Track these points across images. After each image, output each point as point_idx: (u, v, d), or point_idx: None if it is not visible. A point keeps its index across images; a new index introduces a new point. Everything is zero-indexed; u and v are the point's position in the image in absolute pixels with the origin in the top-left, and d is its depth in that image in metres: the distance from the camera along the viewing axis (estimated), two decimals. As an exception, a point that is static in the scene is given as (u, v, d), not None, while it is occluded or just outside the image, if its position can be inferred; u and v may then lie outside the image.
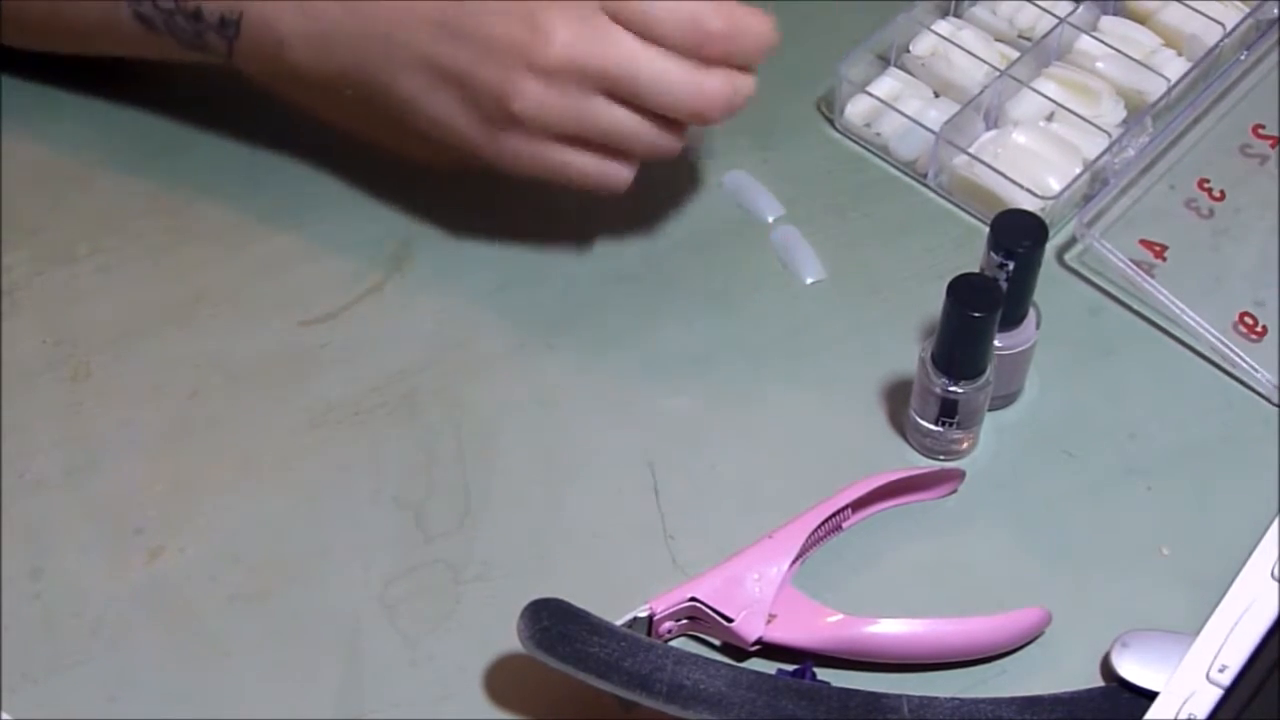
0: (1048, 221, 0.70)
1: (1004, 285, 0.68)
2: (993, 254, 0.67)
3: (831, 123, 0.86)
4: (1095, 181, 0.82)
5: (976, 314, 0.66)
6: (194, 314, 0.79)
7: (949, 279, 0.66)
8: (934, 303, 0.68)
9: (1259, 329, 0.76)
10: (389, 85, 0.73)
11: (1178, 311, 0.76)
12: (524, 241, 0.82)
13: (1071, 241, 0.80)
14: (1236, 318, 0.76)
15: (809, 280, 0.80)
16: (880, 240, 0.81)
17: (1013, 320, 0.71)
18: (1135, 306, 0.78)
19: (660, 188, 0.84)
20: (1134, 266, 0.77)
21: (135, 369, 0.77)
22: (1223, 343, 0.75)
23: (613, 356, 0.77)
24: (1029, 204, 0.79)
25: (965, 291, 0.66)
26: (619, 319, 0.79)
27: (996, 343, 0.69)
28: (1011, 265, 0.67)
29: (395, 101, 0.73)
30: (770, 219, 0.82)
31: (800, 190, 0.83)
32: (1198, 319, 0.76)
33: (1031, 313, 0.71)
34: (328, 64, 0.74)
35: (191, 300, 0.80)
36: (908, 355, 0.74)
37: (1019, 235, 0.67)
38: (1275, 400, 0.74)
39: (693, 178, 0.84)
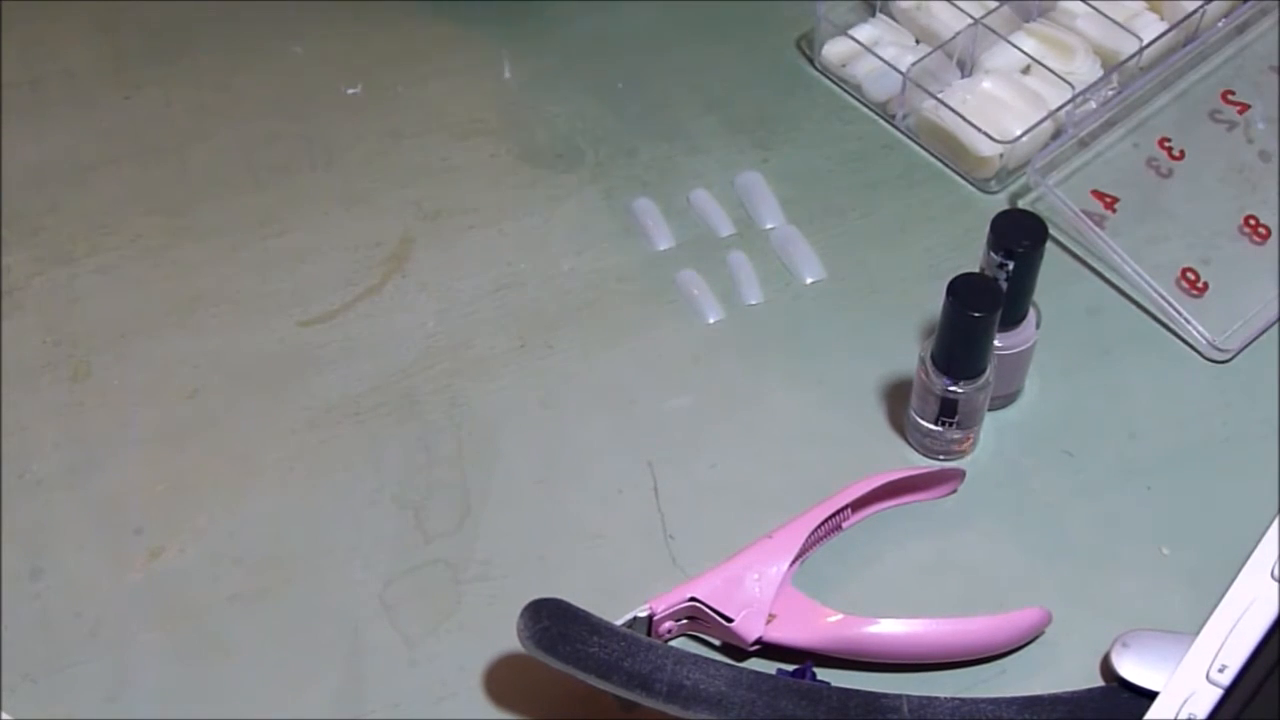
0: (1008, 167, 0.70)
1: (1004, 285, 0.68)
2: (993, 254, 0.67)
3: (811, 61, 0.88)
4: (1060, 132, 0.83)
5: (976, 314, 0.66)
6: (194, 314, 0.79)
7: (949, 279, 0.66)
8: (934, 303, 0.68)
9: (1200, 285, 0.77)
10: None
11: (1120, 262, 0.77)
12: (524, 241, 0.82)
13: (1026, 189, 0.82)
14: (1179, 273, 0.77)
15: (809, 280, 0.80)
16: (880, 240, 0.81)
17: (1013, 320, 0.71)
18: (1094, 265, 0.79)
19: (661, 189, 0.84)
20: (1083, 216, 0.78)
21: (135, 369, 0.77)
22: (1162, 296, 0.77)
23: (613, 356, 0.77)
24: (987, 149, 0.80)
25: (965, 291, 0.66)
26: (619, 319, 0.79)
27: (996, 343, 0.69)
28: (1011, 265, 0.67)
29: None
30: (770, 223, 0.82)
31: (800, 190, 0.83)
32: (1139, 270, 0.77)
33: (1031, 313, 0.71)
34: None
35: (191, 300, 0.80)
36: (908, 355, 0.74)
37: (1019, 235, 0.67)
38: (1209, 356, 0.75)
39: (694, 179, 0.84)
